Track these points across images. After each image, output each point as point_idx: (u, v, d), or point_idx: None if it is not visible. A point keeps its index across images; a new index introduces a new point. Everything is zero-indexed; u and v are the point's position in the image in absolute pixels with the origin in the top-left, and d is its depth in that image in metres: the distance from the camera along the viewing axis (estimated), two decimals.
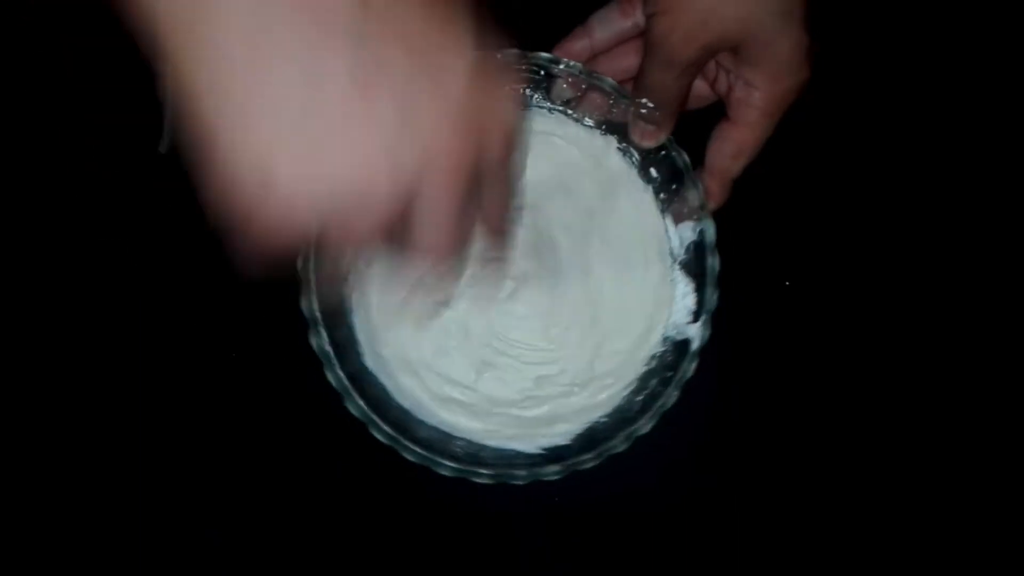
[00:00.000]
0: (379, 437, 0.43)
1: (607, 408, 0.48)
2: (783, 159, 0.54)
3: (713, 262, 0.47)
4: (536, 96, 0.49)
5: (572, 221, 0.49)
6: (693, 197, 0.47)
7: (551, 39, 0.47)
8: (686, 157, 0.47)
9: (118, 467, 0.50)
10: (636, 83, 0.44)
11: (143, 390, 0.51)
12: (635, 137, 0.46)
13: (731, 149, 0.44)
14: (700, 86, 0.45)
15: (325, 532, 0.50)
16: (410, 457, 0.43)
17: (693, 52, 0.41)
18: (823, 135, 0.55)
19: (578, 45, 0.47)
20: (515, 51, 0.47)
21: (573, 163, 0.50)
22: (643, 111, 0.45)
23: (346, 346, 0.46)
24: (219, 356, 0.51)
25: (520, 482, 0.44)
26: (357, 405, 0.43)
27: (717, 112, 0.46)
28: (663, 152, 0.47)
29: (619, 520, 0.52)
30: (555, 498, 0.51)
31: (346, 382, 0.43)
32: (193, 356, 0.51)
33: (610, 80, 0.47)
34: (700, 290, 0.47)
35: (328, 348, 0.43)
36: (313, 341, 0.43)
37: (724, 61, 0.43)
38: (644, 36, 0.43)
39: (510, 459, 0.45)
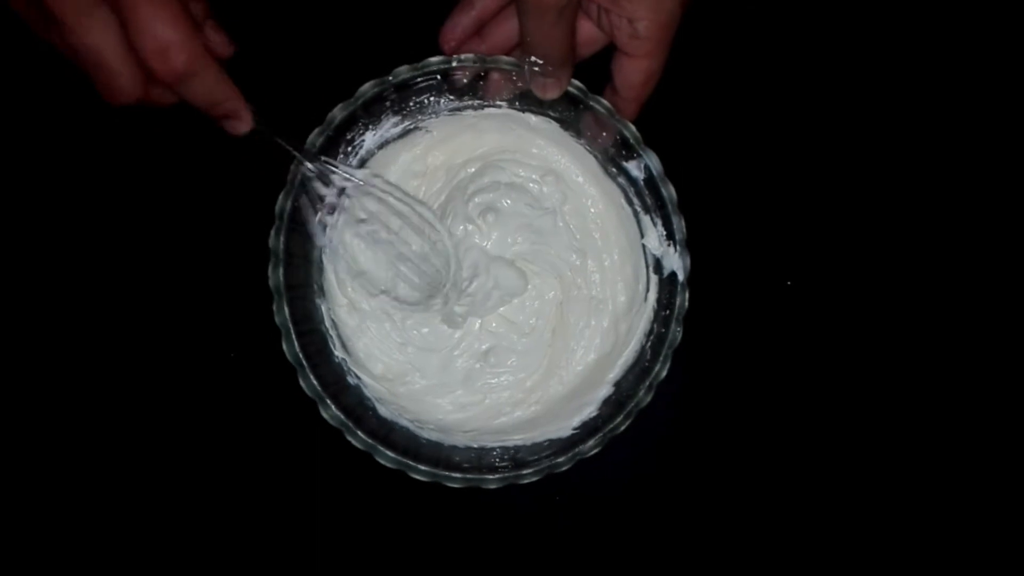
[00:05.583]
0: (420, 478, 0.44)
1: (626, 365, 0.48)
2: (783, 158, 0.54)
3: (668, 191, 0.46)
4: (442, 100, 0.49)
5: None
6: (601, 108, 0.46)
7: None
8: (604, 102, 0.46)
9: (115, 466, 0.51)
10: (520, 43, 0.44)
11: (141, 389, 0.52)
12: (537, 92, 0.45)
13: (637, 79, 0.43)
14: (589, 29, 0.45)
15: (325, 532, 0.52)
16: (455, 485, 0.44)
17: None
18: (822, 135, 0.54)
19: (464, 18, 0.46)
20: (405, 67, 0.46)
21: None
22: (536, 68, 0.44)
23: (358, 409, 0.46)
24: (218, 356, 0.53)
25: (565, 467, 0.44)
26: (388, 456, 0.44)
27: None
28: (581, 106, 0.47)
29: (620, 518, 0.52)
30: (556, 497, 0.52)
31: (370, 440, 0.44)
32: (192, 356, 0.52)
33: (505, 58, 0.46)
34: (667, 222, 0.47)
35: (342, 416, 0.44)
36: (325, 413, 0.44)
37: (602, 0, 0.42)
38: None
39: (546, 449, 0.46)
